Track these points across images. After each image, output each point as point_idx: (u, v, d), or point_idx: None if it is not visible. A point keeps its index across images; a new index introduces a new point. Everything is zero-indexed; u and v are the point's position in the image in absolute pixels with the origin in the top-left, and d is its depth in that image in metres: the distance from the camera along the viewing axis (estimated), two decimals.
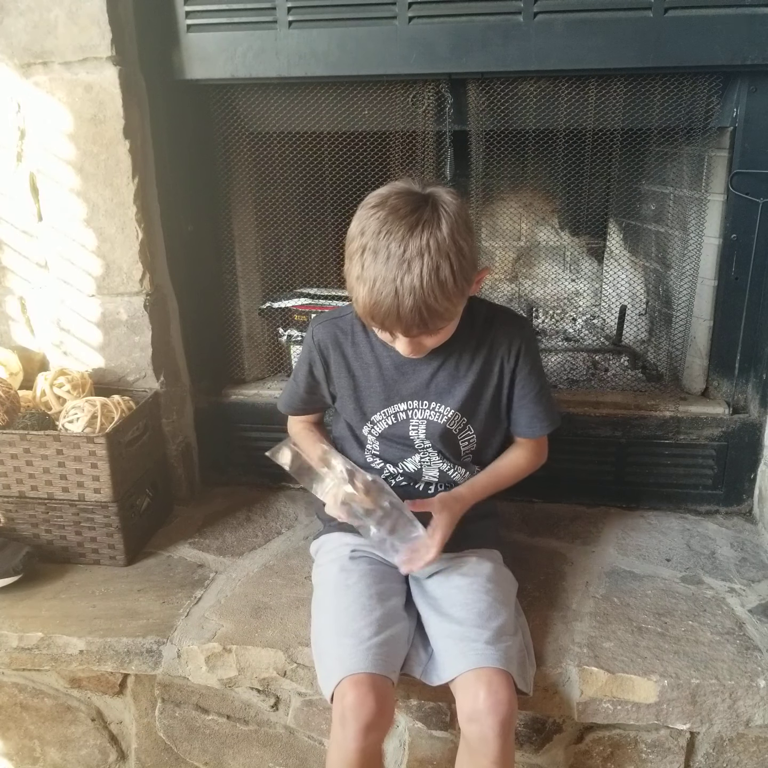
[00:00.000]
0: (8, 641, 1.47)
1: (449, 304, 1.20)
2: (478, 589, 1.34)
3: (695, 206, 1.74)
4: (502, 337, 1.39)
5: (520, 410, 1.45)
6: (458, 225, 1.19)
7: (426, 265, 1.15)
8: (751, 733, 1.38)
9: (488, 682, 1.20)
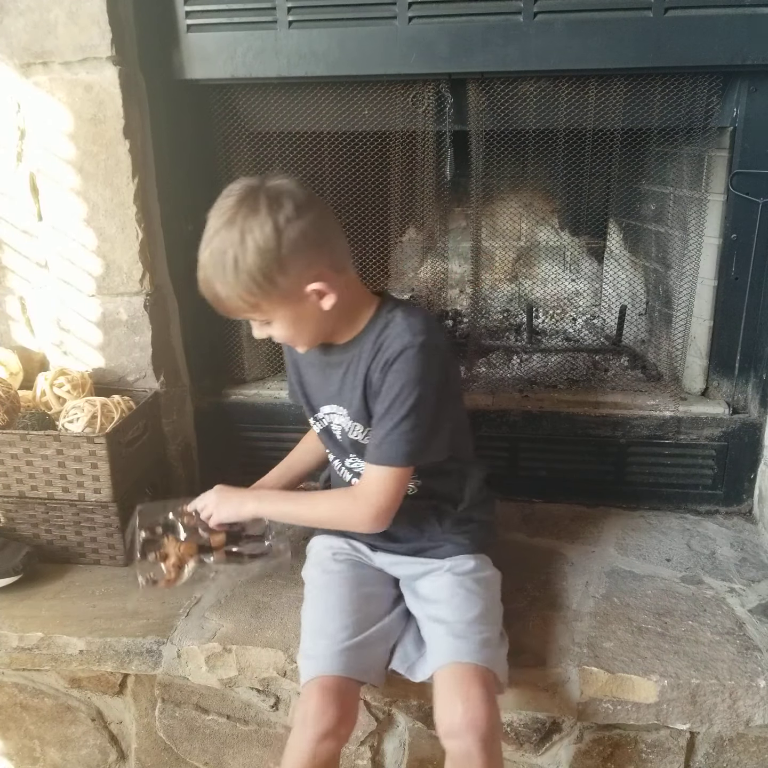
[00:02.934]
0: (8, 641, 1.47)
1: (232, 293, 1.18)
2: (463, 594, 1.33)
3: (695, 206, 1.74)
4: (384, 347, 1.26)
5: (378, 428, 1.28)
6: (274, 225, 1.14)
7: (216, 246, 1.16)
8: (751, 733, 1.38)
9: (466, 688, 1.17)
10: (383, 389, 1.25)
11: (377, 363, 1.26)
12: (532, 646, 1.39)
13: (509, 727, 1.42)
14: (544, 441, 1.84)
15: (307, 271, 1.19)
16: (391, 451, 1.25)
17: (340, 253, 1.24)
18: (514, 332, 2.25)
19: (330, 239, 1.22)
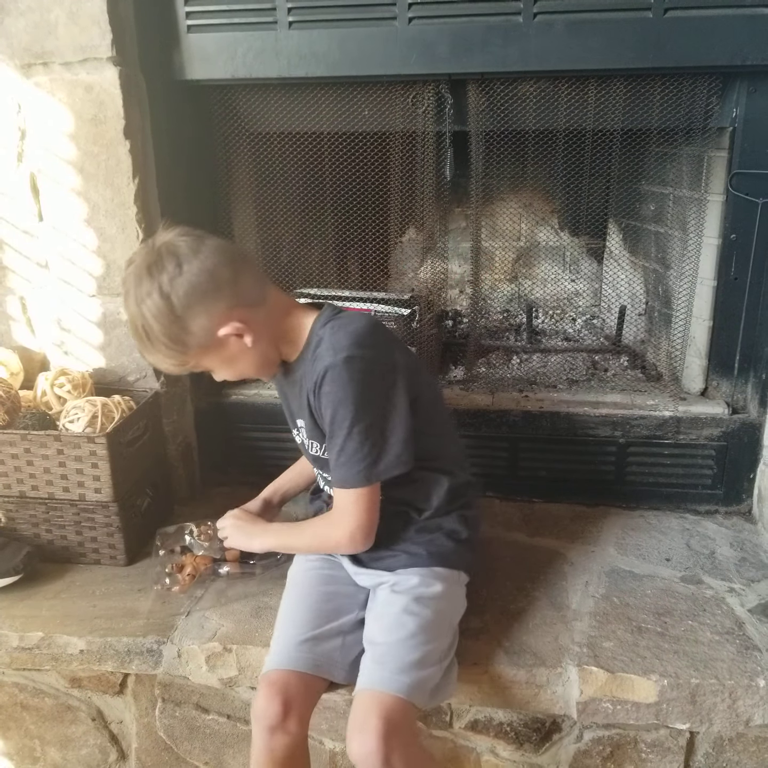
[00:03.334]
0: (9, 641, 1.47)
1: (158, 359, 1.25)
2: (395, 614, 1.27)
3: (695, 206, 1.74)
4: (315, 367, 1.25)
5: (330, 453, 1.28)
6: (159, 291, 1.17)
7: (129, 321, 1.23)
8: (750, 732, 1.38)
9: (366, 719, 1.13)
10: (322, 411, 1.25)
11: (310, 384, 1.26)
12: (532, 645, 1.39)
13: (509, 726, 1.42)
14: (544, 441, 1.84)
15: (211, 320, 1.20)
16: (347, 474, 1.25)
17: (248, 287, 1.23)
18: (514, 332, 2.25)
19: (229, 279, 1.20)
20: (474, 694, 1.36)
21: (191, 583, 1.53)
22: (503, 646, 1.39)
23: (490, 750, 1.45)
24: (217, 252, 1.20)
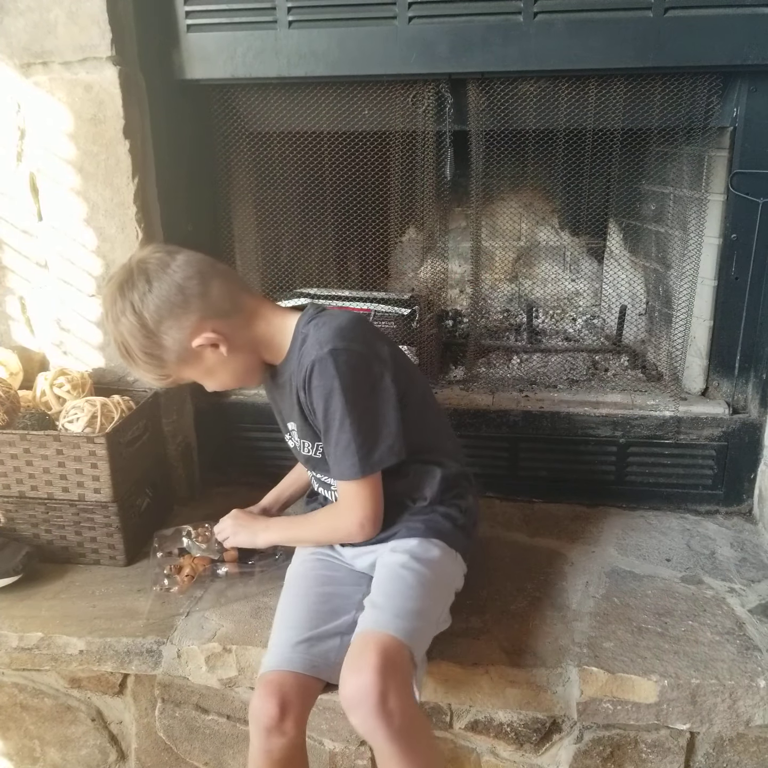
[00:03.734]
0: (8, 641, 1.47)
1: (141, 374, 1.32)
2: (395, 570, 1.29)
3: (695, 206, 1.74)
4: (301, 364, 1.26)
5: (326, 448, 1.30)
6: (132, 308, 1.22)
7: (112, 339, 1.31)
8: (751, 733, 1.38)
9: (363, 657, 1.11)
10: (313, 408, 1.26)
11: (299, 381, 1.27)
12: (532, 646, 1.39)
13: (509, 727, 1.42)
14: (544, 441, 1.84)
15: (182, 332, 1.23)
16: (344, 466, 1.27)
17: (218, 298, 1.25)
18: (514, 332, 2.25)
19: (198, 292, 1.23)
20: (474, 695, 1.36)
21: (190, 584, 1.53)
22: (503, 647, 1.38)
23: (491, 750, 1.45)
24: (186, 266, 1.24)
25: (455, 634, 1.40)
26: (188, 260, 1.25)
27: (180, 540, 1.57)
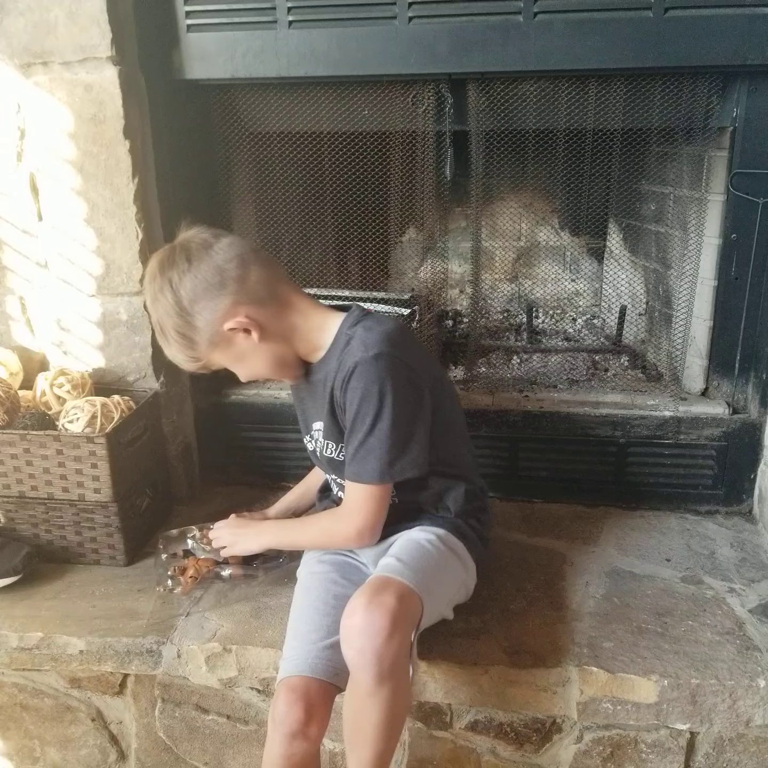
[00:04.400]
0: (8, 641, 1.47)
1: (173, 355, 1.30)
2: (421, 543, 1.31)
3: (695, 206, 1.74)
4: (343, 365, 1.25)
5: (348, 448, 1.29)
6: (169, 285, 1.21)
7: (151, 318, 1.28)
8: (751, 733, 1.38)
9: (375, 594, 1.12)
10: (346, 407, 1.25)
11: (338, 381, 1.26)
12: (532, 646, 1.39)
13: (509, 727, 1.42)
14: (544, 441, 1.84)
15: (216, 314, 1.22)
16: (363, 469, 1.25)
17: (257, 285, 1.24)
18: (514, 332, 2.25)
19: (237, 276, 1.23)
20: (474, 695, 1.36)
21: (193, 585, 1.53)
22: (503, 647, 1.38)
23: (491, 750, 1.45)
24: (228, 248, 1.24)
25: (455, 634, 1.40)
26: (231, 243, 1.25)
27: (185, 542, 1.57)
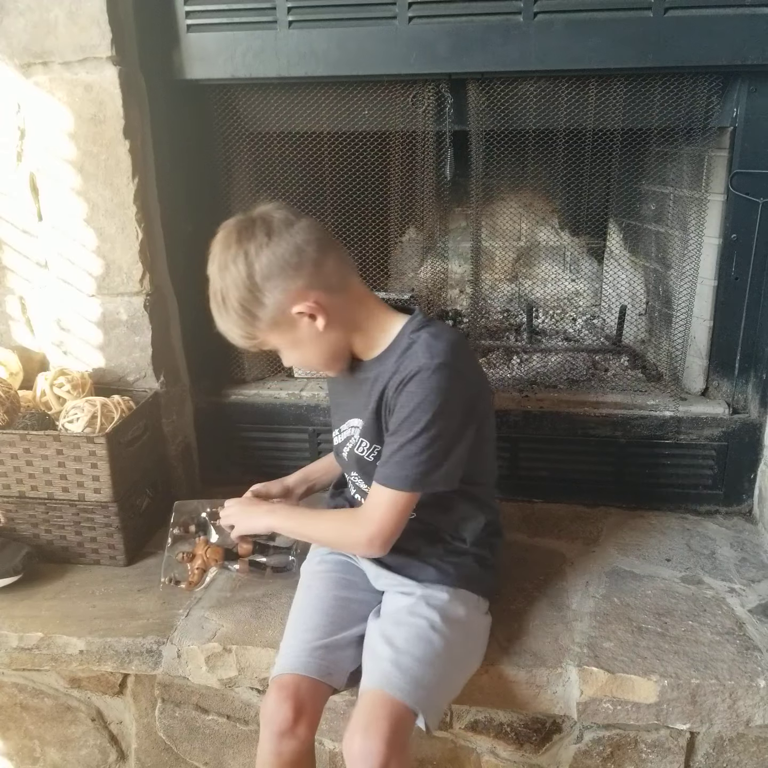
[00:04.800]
0: (8, 641, 1.47)
1: (227, 328, 1.24)
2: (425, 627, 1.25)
3: (695, 206, 1.74)
4: (402, 368, 1.23)
5: (387, 448, 1.26)
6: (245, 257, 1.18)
7: (211, 285, 1.23)
8: (751, 733, 1.38)
9: (373, 721, 1.12)
10: (396, 409, 1.23)
11: (393, 382, 1.23)
12: (532, 646, 1.39)
13: (509, 727, 1.42)
14: (544, 441, 1.84)
15: (287, 295, 1.19)
16: (395, 473, 1.22)
17: (330, 272, 1.22)
18: (514, 332, 2.25)
19: (314, 259, 1.20)
20: (474, 695, 1.36)
21: (200, 579, 1.49)
22: (503, 647, 1.38)
23: (491, 750, 1.45)
24: (309, 230, 1.22)
25: None
26: (312, 226, 1.23)
27: (199, 517, 1.52)
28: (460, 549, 1.36)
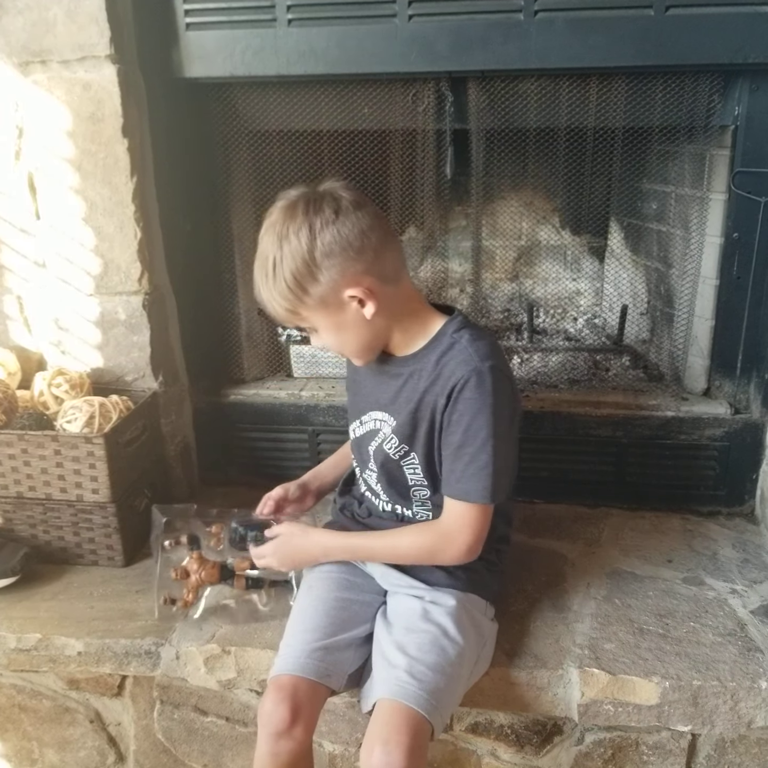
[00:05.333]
0: (6, 642, 1.46)
1: (271, 298, 1.22)
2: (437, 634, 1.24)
3: (697, 205, 1.73)
4: (447, 371, 1.23)
5: (443, 460, 1.27)
6: (309, 230, 1.16)
7: (261, 251, 1.21)
8: (752, 734, 1.37)
9: (393, 732, 1.11)
10: (453, 418, 1.22)
11: (441, 387, 1.23)
12: (533, 647, 1.38)
13: (510, 729, 1.41)
14: (544, 441, 1.83)
15: (343, 276, 1.18)
16: (474, 486, 1.22)
17: (388, 262, 1.22)
18: (515, 332, 2.24)
19: (376, 247, 1.19)
20: (475, 697, 1.35)
21: (194, 598, 1.47)
22: (504, 648, 1.38)
23: (491, 753, 1.44)
24: (375, 217, 1.21)
25: None
26: (378, 214, 1.22)
27: (190, 529, 1.48)
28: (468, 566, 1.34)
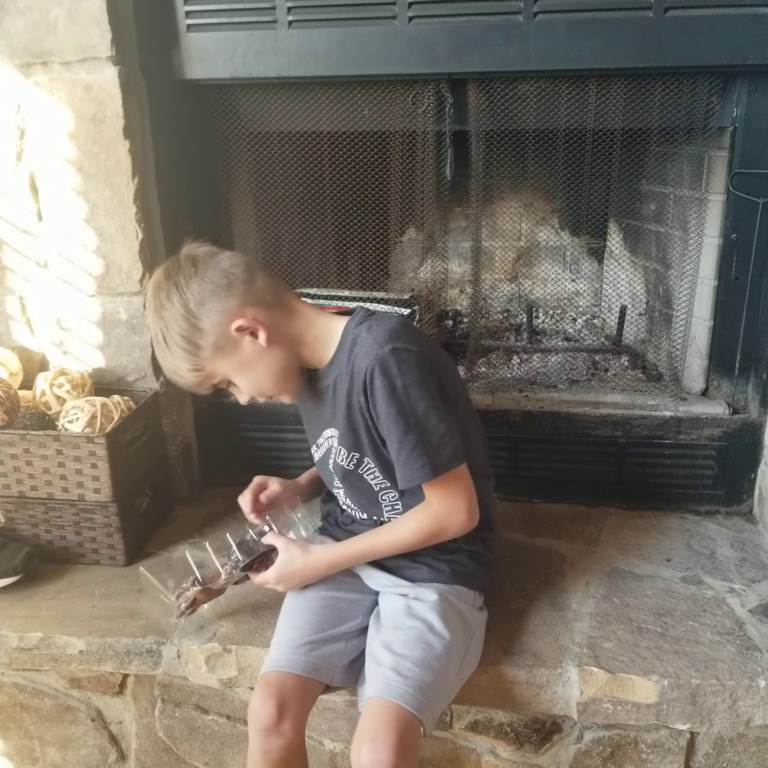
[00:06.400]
0: (8, 641, 1.47)
1: (176, 368, 1.25)
2: (422, 629, 1.25)
3: (695, 206, 1.74)
4: (357, 367, 1.23)
5: (391, 454, 1.26)
6: (175, 288, 1.20)
7: (152, 333, 1.27)
8: (751, 733, 1.38)
9: (381, 729, 1.11)
10: (378, 411, 1.23)
11: (358, 385, 1.24)
12: (532, 646, 1.39)
13: (509, 727, 1.42)
14: (544, 441, 1.84)
15: (223, 316, 1.21)
16: (414, 468, 1.22)
17: (263, 289, 1.24)
18: (514, 332, 2.25)
19: (244, 279, 1.23)
20: (474, 695, 1.36)
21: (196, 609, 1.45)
22: (503, 647, 1.38)
23: (490, 751, 1.45)
24: (233, 257, 1.26)
25: None
26: (235, 254, 1.28)
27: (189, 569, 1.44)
28: (452, 546, 1.35)
